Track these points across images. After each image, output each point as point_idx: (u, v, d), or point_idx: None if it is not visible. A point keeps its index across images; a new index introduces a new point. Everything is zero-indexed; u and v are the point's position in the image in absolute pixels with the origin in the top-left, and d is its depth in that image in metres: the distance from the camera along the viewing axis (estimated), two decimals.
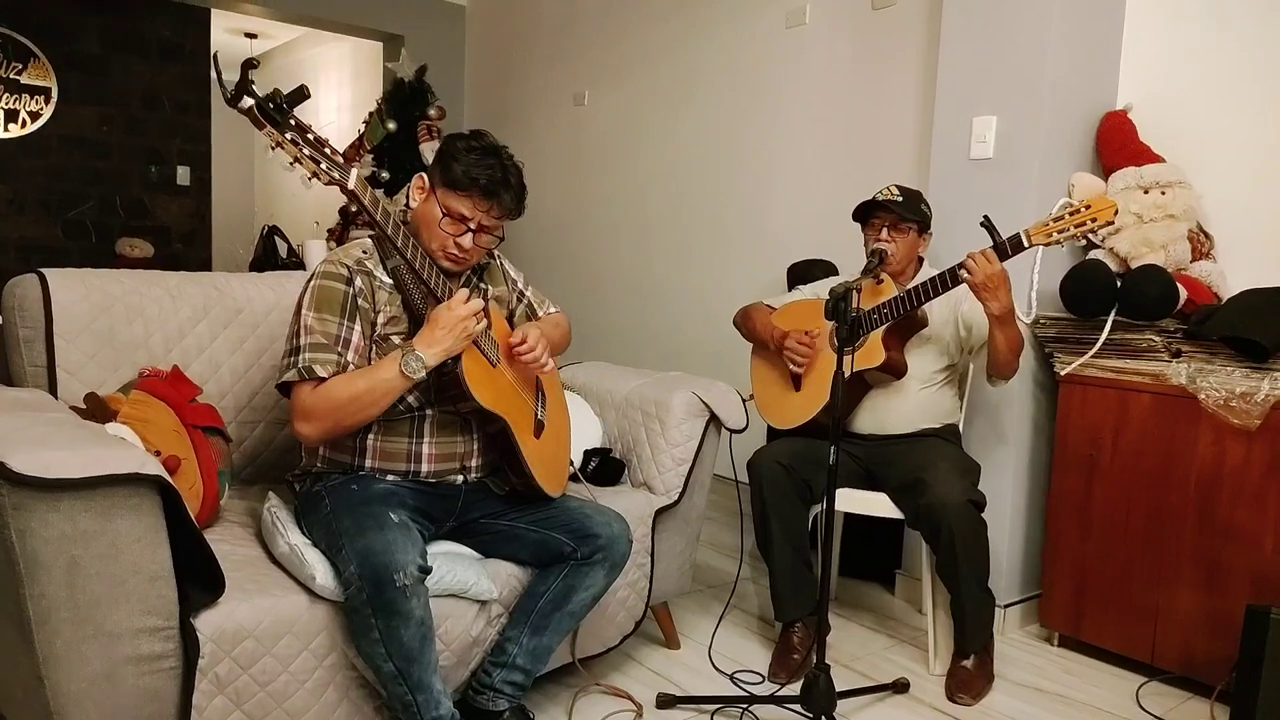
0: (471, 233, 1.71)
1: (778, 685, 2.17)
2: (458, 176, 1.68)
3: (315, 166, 1.45)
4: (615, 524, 1.83)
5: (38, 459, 1.23)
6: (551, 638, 1.80)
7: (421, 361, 1.60)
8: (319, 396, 1.61)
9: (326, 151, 1.47)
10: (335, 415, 1.61)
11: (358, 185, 1.51)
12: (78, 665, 1.31)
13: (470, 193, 1.68)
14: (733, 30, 4.01)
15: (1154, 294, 2.23)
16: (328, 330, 1.65)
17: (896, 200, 2.30)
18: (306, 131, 1.45)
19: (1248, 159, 2.42)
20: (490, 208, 1.70)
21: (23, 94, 5.43)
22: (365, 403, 1.61)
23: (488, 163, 1.69)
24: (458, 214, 1.69)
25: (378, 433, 1.75)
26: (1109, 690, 2.25)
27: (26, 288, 1.82)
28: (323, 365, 1.62)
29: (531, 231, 5.31)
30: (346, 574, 1.53)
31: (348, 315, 1.68)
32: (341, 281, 1.69)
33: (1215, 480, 2.17)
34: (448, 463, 1.80)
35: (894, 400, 2.35)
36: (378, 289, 1.72)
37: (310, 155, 1.45)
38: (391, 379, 1.61)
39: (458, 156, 1.69)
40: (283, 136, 1.42)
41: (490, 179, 1.68)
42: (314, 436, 1.64)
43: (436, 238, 1.70)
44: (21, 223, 5.53)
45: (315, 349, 1.64)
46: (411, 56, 5.10)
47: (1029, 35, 2.43)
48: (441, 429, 1.79)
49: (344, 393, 1.61)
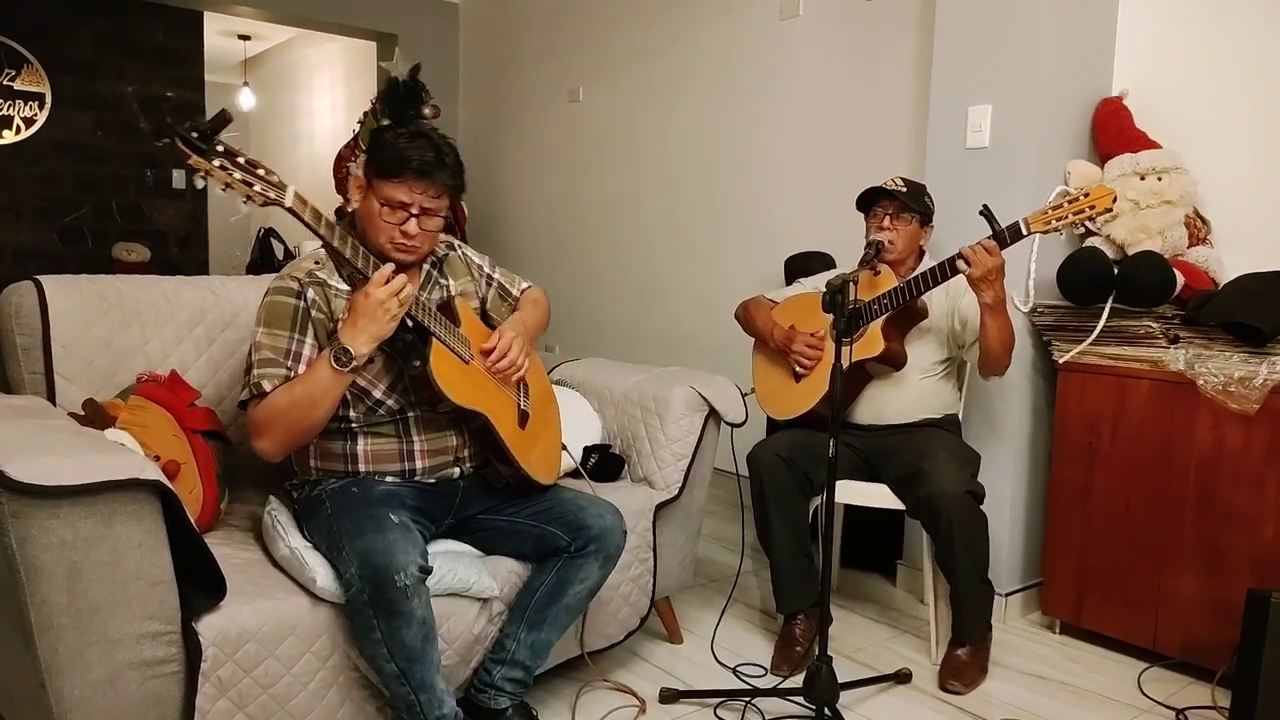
0: (414, 217, 1.68)
1: (780, 678, 2.18)
2: (389, 163, 1.66)
3: (248, 189, 1.44)
4: (608, 515, 1.83)
5: (37, 466, 1.23)
6: (550, 632, 1.80)
7: (349, 353, 1.56)
8: (264, 409, 1.61)
9: (260, 173, 1.45)
10: (282, 424, 1.60)
11: (295, 202, 1.48)
12: (80, 671, 1.31)
13: (404, 176, 1.65)
14: (726, 23, 4.01)
15: (1151, 280, 2.23)
16: (277, 345, 1.65)
17: (900, 190, 2.30)
18: (236, 156, 1.43)
19: (1244, 143, 2.41)
20: (427, 188, 1.67)
21: (16, 100, 5.42)
22: (306, 406, 1.59)
23: (417, 144, 1.66)
24: (396, 202, 1.67)
25: (366, 440, 1.75)
26: (1111, 676, 2.26)
27: (23, 295, 1.82)
28: (269, 379, 1.62)
29: (528, 228, 5.31)
30: (347, 575, 1.53)
31: (298, 329, 1.67)
32: (291, 295, 1.68)
33: (1215, 465, 2.17)
34: (442, 457, 1.80)
35: (894, 391, 2.35)
36: (334, 297, 1.70)
37: (242, 179, 1.43)
38: (325, 378, 1.59)
39: (387, 145, 1.67)
40: (210, 164, 1.40)
41: (421, 159, 1.65)
42: (271, 450, 1.63)
43: (382, 231, 1.68)
44: (17, 229, 5.52)
45: (263, 364, 1.63)
46: (405, 55, 5.07)
47: (1023, 23, 2.43)
48: (428, 427, 1.78)
49: (284, 400, 1.60)
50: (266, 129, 8.56)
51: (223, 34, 7.26)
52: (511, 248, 5.34)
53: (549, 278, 4.80)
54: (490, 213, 5.50)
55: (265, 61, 8.23)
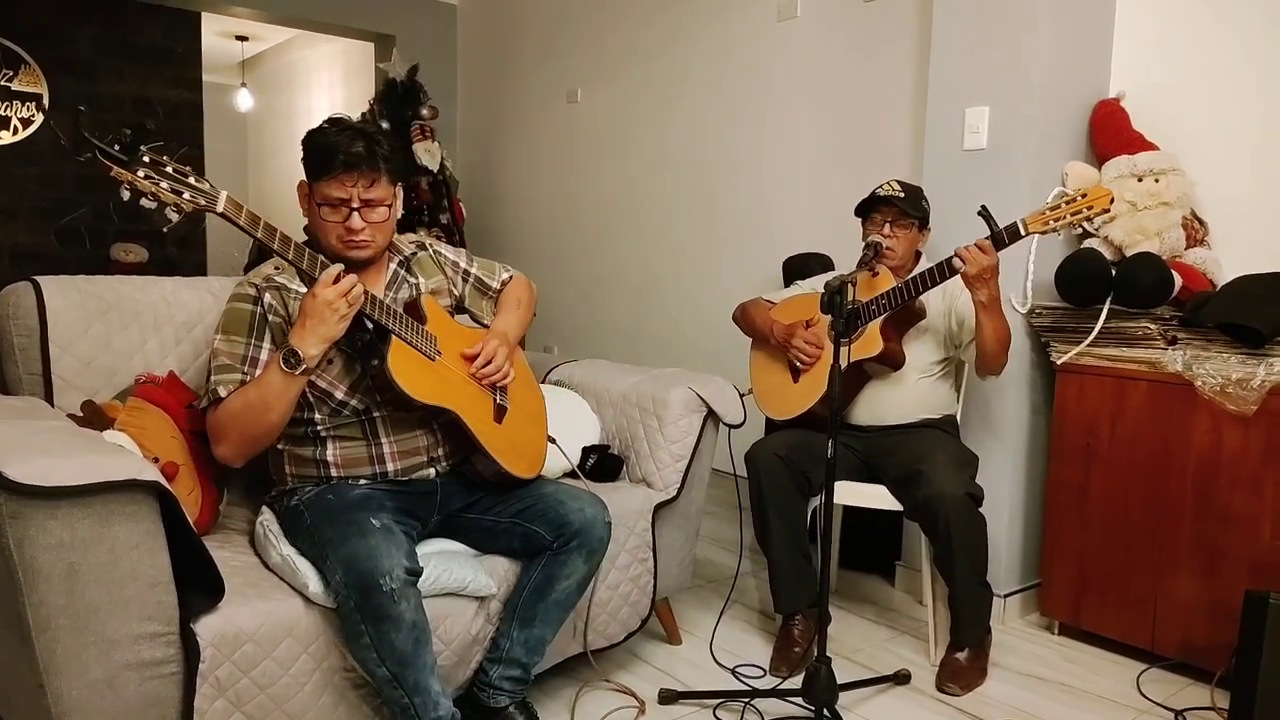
0: (355, 211, 1.67)
1: (779, 678, 2.18)
2: (318, 163, 1.65)
3: (176, 197, 1.42)
4: (589, 508, 1.82)
5: (35, 467, 1.23)
6: (543, 629, 1.80)
7: (298, 355, 1.56)
8: (220, 415, 1.61)
9: (190, 181, 1.44)
10: (237, 429, 1.60)
11: (228, 206, 1.47)
12: (78, 672, 1.31)
13: (334, 172, 1.64)
14: (724, 24, 4.01)
15: (1149, 281, 2.23)
16: (234, 351, 1.66)
17: (899, 196, 2.30)
18: (162, 165, 1.42)
19: (1241, 145, 2.42)
20: (359, 179, 1.65)
21: (14, 101, 5.42)
22: (259, 409, 1.59)
23: (344, 136, 1.65)
24: (334, 199, 1.66)
25: (335, 445, 1.74)
26: (1110, 678, 2.26)
27: (21, 296, 1.81)
28: (224, 385, 1.62)
29: (526, 228, 5.31)
30: (334, 583, 1.53)
31: (255, 334, 1.67)
32: (248, 301, 1.69)
33: (1213, 467, 2.17)
34: (413, 458, 1.79)
35: (892, 391, 2.36)
36: (292, 300, 1.70)
37: (169, 187, 1.42)
38: (276, 381, 1.58)
39: (314, 144, 1.67)
40: (134, 174, 1.39)
41: (348, 151, 1.64)
42: (229, 455, 1.63)
43: (328, 231, 1.68)
44: (15, 230, 5.52)
45: (219, 370, 1.64)
46: (403, 56, 5.08)
47: (1020, 24, 2.43)
48: (396, 427, 1.77)
49: (237, 405, 1.60)
50: (264, 130, 8.56)
51: (220, 35, 7.25)
52: (510, 248, 5.34)
53: (547, 278, 4.81)
54: (489, 213, 5.50)
55: (263, 62, 8.22)
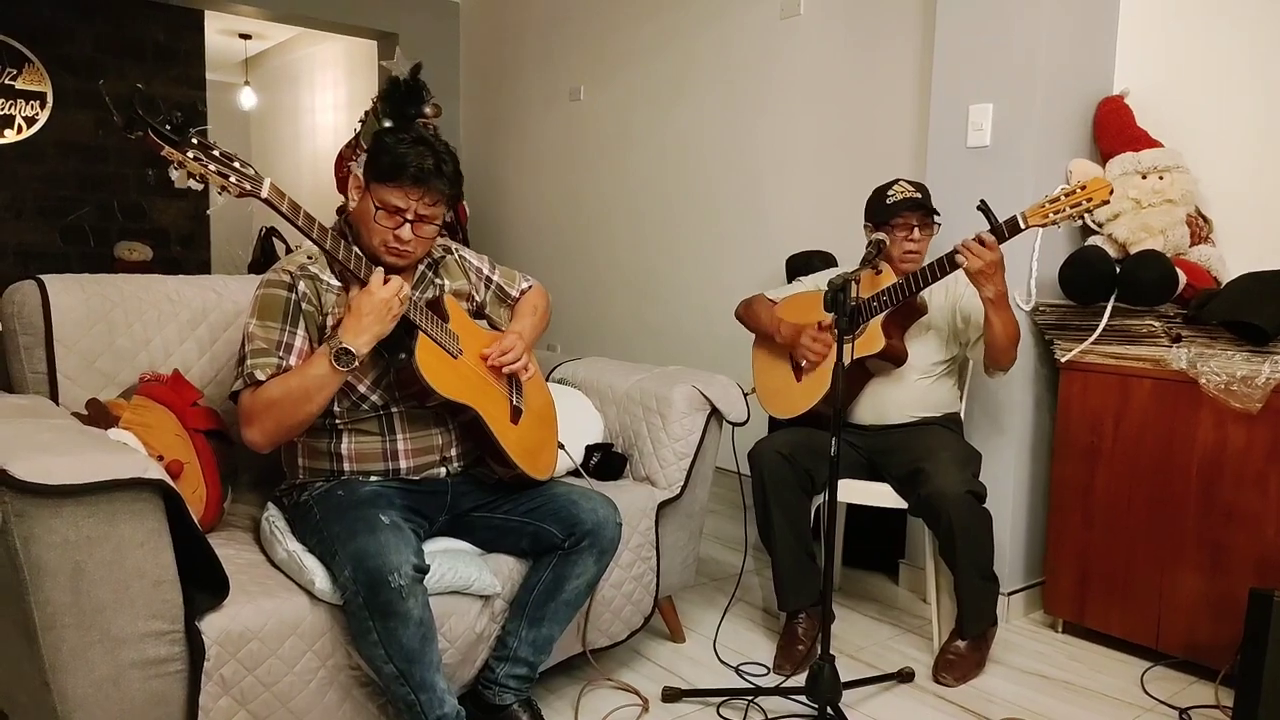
0: (409, 223, 1.69)
1: (783, 676, 2.18)
2: (386, 168, 1.67)
3: (224, 180, 1.45)
4: (601, 509, 1.82)
5: (40, 466, 1.23)
6: (551, 628, 1.81)
7: (351, 353, 1.58)
8: (256, 398, 1.62)
9: (236, 165, 1.47)
10: (273, 415, 1.61)
11: (271, 194, 1.50)
12: (84, 670, 1.31)
13: (400, 182, 1.66)
14: (727, 22, 4.00)
15: (1153, 279, 2.22)
16: (269, 336, 1.66)
17: (919, 198, 2.28)
18: (211, 148, 1.45)
19: (1245, 142, 2.41)
20: (423, 195, 1.68)
21: (17, 99, 5.43)
22: (299, 399, 1.60)
23: (417, 150, 1.67)
24: (392, 206, 1.67)
25: (350, 438, 1.75)
26: (1114, 676, 2.26)
27: (25, 295, 1.82)
28: (262, 369, 1.63)
29: (529, 227, 5.31)
30: (342, 579, 1.53)
31: (290, 320, 1.68)
32: (284, 288, 1.69)
33: (1217, 464, 2.17)
34: (426, 456, 1.80)
35: (894, 391, 2.35)
36: (325, 291, 1.71)
37: (217, 170, 1.45)
38: (323, 374, 1.59)
39: (386, 149, 1.68)
40: (184, 155, 1.42)
41: (419, 166, 1.66)
42: (260, 441, 1.63)
43: (375, 233, 1.70)
44: (19, 229, 5.53)
45: (256, 354, 1.64)
46: (406, 54, 5.08)
47: (1024, 21, 2.43)
48: (413, 423, 1.78)
49: (277, 391, 1.61)
50: (267, 128, 8.56)
51: (224, 33, 7.25)
52: (512, 246, 5.34)
53: (549, 276, 4.81)
54: (491, 212, 5.50)
55: (266, 60, 8.22)
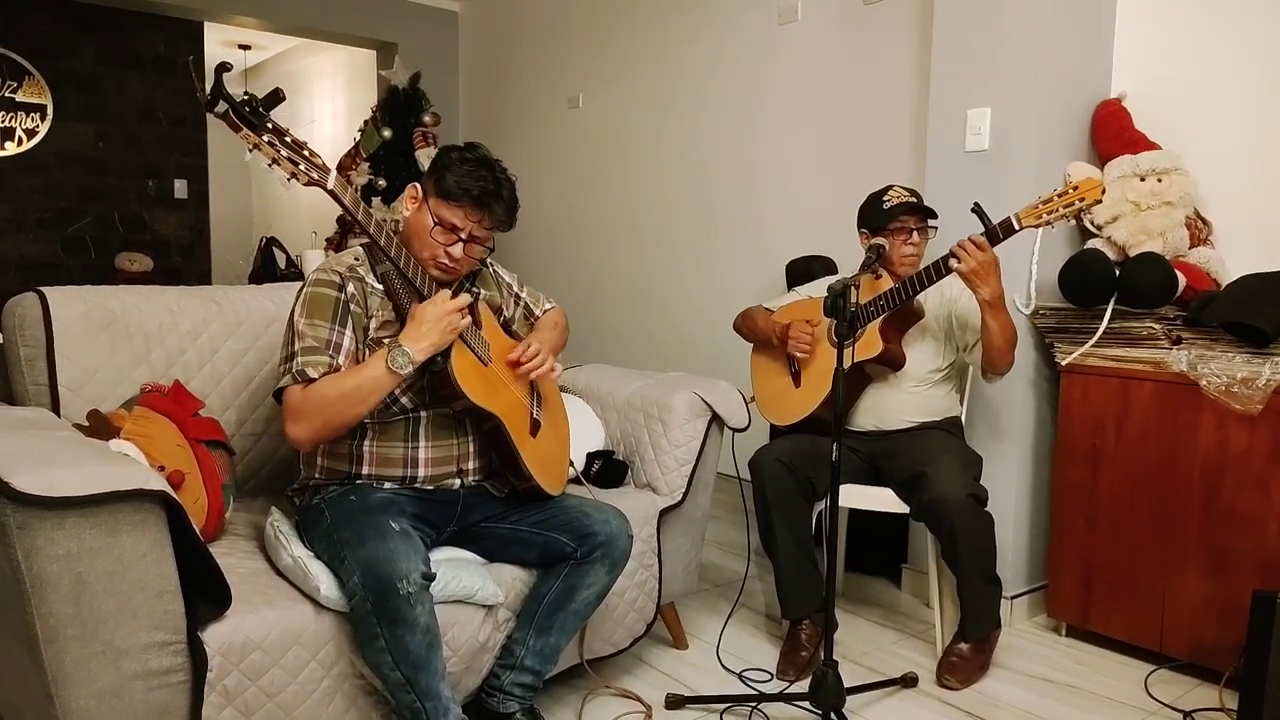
0: (462, 243, 1.73)
1: (786, 683, 2.17)
2: (450, 187, 1.69)
3: (294, 167, 1.48)
4: (614, 521, 1.83)
5: (42, 478, 1.23)
6: (558, 637, 1.81)
7: (409, 357, 1.61)
8: (307, 397, 1.62)
9: (305, 153, 1.50)
10: (324, 414, 1.62)
11: (337, 186, 1.53)
12: (86, 682, 1.31)
13: (462, 203, 1.70)
14: (725, 28, 4.02)
15: (1153, 281, 2.23)
16: (319, 335, 1.67)
17: (915, 201, 2.29)
18: (284, 134, 1.48)
19: (1244, 144, 2.41)
20: (481, 218, 1.72)
21: (18, 112, 5.45)
22: (353, 400, 1.62)
23: (480, 174, 1.70)
24: (449, 224, 1.70)
25: (374, 439, 1.76)
26: (1118, 679, 2.25)
27: (27, 307, 1.82)
28: (314, 367, 1.64)
29: (528, 235, 5.31)
30: (350, 584, 1.53)
31: (339, 320, 1.69)
32: (333, 288, 1.71)
33: (1219, 466, 2.16)
34: (444, 466, 1.80)
35: (893, 396, 2.36)
36: (369, 294, 1.73)
37: (288, 156, 1.48)
38: (379, 376, 1.62)
39: (451, 167, 1.71)
40: (259, 139, 1.45)
41: (483, 190, 1.70)
42: (305, 438, 1.65)
43: (427, 246, 1.72)
44: (21, 241, 5.55)
45: (307, 352, 1.65)
46: (405, 63, 5.10)
47: (1021, 25, 2.43)
48: (437, 432, 1.79)
49: (332, 391, 1.62)
50: None
51: (223, 44, 7.27)
52: (511, 252, 5.34)
53: (549, 283, 4.80)
54: None
55: (266, 71, 8.24)
